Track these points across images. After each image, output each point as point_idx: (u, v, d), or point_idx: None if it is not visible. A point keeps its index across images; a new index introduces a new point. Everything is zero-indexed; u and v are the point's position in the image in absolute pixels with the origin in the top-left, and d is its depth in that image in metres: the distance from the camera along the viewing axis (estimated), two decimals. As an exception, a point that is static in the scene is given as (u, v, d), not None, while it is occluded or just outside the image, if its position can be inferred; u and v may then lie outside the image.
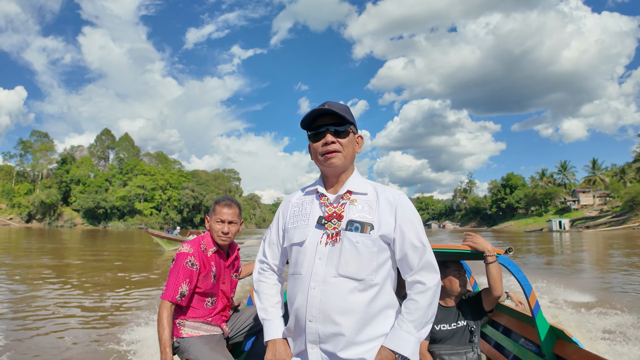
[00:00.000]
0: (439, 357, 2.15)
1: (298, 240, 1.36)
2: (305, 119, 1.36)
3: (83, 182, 77.90)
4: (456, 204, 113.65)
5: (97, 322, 5.79)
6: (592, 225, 52.80)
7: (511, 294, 4.05)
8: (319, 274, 1.28)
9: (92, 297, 7.53)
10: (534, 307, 2.16)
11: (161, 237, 20.95)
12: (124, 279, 9.83)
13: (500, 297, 2.11)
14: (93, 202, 74.85)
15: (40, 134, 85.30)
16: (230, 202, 2.13)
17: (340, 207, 1.34)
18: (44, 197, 73.10)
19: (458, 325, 2.21)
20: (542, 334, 2.18)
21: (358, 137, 1.42)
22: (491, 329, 2.99)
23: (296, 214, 1.42)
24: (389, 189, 1.37)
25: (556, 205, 69.69)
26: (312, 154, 1.41)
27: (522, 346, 2.50)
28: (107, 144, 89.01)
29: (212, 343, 1.98)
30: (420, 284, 1.28)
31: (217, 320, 2.11)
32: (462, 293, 2.26)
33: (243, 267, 2.47)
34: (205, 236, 2.13)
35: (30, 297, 7.37)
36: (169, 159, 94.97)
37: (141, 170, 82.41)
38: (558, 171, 77.92)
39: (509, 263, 2.11)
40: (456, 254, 2.19)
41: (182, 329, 2.00)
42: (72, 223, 75.05)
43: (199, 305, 2.05)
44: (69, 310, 6.44)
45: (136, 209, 78.97)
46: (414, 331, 1.24)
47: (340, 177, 1.38)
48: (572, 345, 2.07)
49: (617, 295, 7.41)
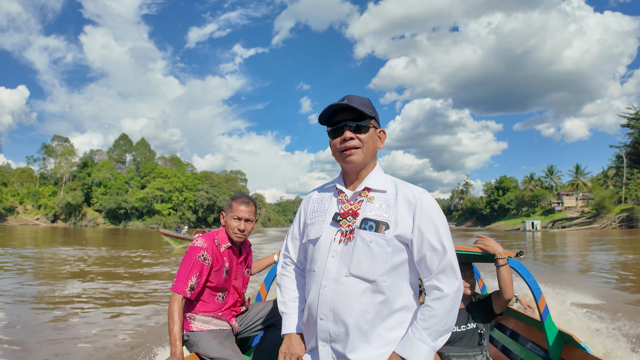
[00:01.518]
0: (448, 359, 2.12)
1: (314, 236, 1.33)
2: (324, 114, 1.30)
3: (104, 184, 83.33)
4: (454, 204, 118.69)
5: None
6: (567, 225, 58.86)
7: (520, 298, 4.05)
8: (331, 272, 1.24)
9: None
10: (543, 312, 2.11)
11: (170, 236, 21.91)
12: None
13: (510, 300, 2.08)
14: (115, 203, 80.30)
15: (61, 138, 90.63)
16: (248, 199, 2.11)
17: (357, 204, 1.29)
18: (70, 199, 78.56)
19: (467, 327, 2.17)
20: (551, 338, 2.13)
21: (380, 131, 1.36)
22: (498, 332, 2.93)
23: (315, 209, 1.39)
24: (410, 187, 1.30)
25: (543, 206, 75.62)
26: (332, 150, 1.35)
27: (529, 350, 2.44)
28: (124, 148, 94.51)
29: (221, 338, 1.97)
30: (438, 290, 1.19)
31: (228, 315, 2.11)
32: (471, 296, 2.24)
33: (255, 263, 2.49)
34: (219, 231, 2.11)
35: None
36: (182, 162, 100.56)
37: (158, 173, 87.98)
38: (545, 175, 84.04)
39: (520, 266, 2.07)
40: (467, 256, 2.14)
41: (192, 323, 1.99)
42: (95, 223, 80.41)
43: (209, 299, 2.05)
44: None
45: (155, 209, 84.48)
46: (428, 340, 1.16)
47: (360, 174, 1.33)
48: (580, 350, 2.03)
49: (548, 273, 11.42)
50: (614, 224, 53.88)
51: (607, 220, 55.21)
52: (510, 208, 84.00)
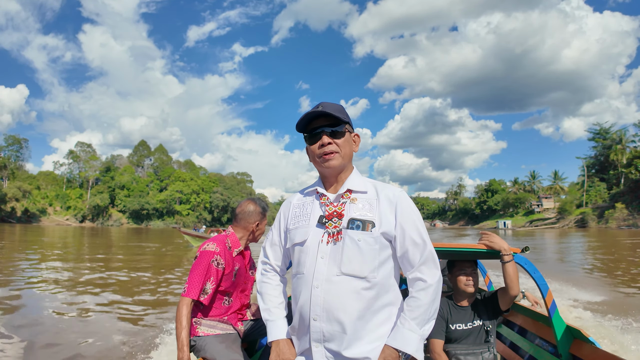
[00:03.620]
0: (455, 357, 2.12)
1: (299, 240, 1.36)
2: (300, 122, 1.36)
3: (127, 187, 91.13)
4: (448, 204, 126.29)
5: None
6: (540, 225, 68.87)
7: (527, 294, 4.14)
8: (321, 273, 1.27)
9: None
10: (551, 307, 2.11)
11: (190, 234, 22.84)
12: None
13: (516, 296, 2.07)
14: (138, 204, 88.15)
15: (84, 144, 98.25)
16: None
17: (340, 205, 1.34)
18: (99, 201, 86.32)
19: (474, 325, 2.18)
20: (559, 333, 2.13)
21: (354, 135, 1.42)
22: (506, 328, 2.95)
23: (297, 214, 1.42)
24: (389, 187, 1.38)
25: (525, 207, 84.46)
26: (309, 156, 1.40)
27: (538, 346, 2.45)
28: (143, 153, 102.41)
29: (228, 342, 1.97)
30: (422, 281, 1.27)
31: (233, 319, 2.11)
32: (476, 293, 2.24)
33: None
34: (230, 235, 2.11)
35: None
36: (196, 166, 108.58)
37: (177, 177, 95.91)
38: (529, 180, 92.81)
39: (525, 262, 2.07)
40: (472, 253, 2.16)
41: (199, 328, 1.99)
42: (120, 222, 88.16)
43: (216, 303, 2.05)
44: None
45: (174, 210, 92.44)
46: (417, 328, 1.24)
47: (339, 177, 1.39)
48: (589, 345, 2.03)
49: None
50: (570, 224, 64.45)
51: (567, 221, 66.00)
52: (497, 209, 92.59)
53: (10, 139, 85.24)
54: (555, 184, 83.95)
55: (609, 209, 60.79)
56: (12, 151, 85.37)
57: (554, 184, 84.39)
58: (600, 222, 59.92)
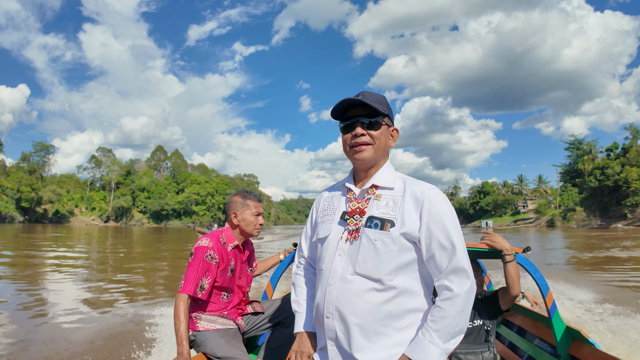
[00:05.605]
0: (455, 356, 2.11)
1: (323, 235, 1.33)
2: (336, 109, 1.28)
3: (147, 189, 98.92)
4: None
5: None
6: (521, 224, 78.35)
7: (527, 294, 4.09)
8: (337, 271, 1.23)
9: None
10: (551, 307, 2.09)
11: (203, 233, 24.29)
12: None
13: (517, 296, 2.05)
14: (158, 205, 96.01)
15: (104, 149, 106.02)
16: (259, 195, 2.20)
17: (364, 202, 1.27)
18: (123, 203, 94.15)
19: (474, 324, 2.16)
20: (558, 334, 2.11)
21: (393, 130, 1.33)
22: (505, 328, 2.92)
23: (325, 208, 1.38)
24: (418, 184, 1.26)
25: (513, 208, 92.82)
26: (343, 146, 1.33)
27: (537, 346, 2.43)
28: (161, 158, 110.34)
29: (228, 337, 1.97)
30: (448, 290, 1.15)
31: (233, 314, 2.11)
32: (477, 292, 2.20)
33: (260, 263, 2.50)
34: (224, 230, 2.12)
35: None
36: (208, 169, 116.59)
37: (194, 180, 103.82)
38: (517, 183, 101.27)
39: (527, 262, 2.05)
40: (474, 253, 2.10)
41: (199, 322, 1.99)
42: (141, 222, 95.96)
43: (215, 299, 2.05)
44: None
45: (191, 210, 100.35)
46: (439, 342, 1.11)
47: (369, 171, 1.31)
48: (588, 346, 2.02)
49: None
50: (542, 224, 74.44)
51: (540, 221, 76.38)
52: (488, 209, 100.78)
53: (39, 145, 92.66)
54: (539, 187, 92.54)
55: (571, 211, 70.96)
56: (40, 157, 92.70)
57: (538, 187, 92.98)
58: (564, 222, 69.69)
